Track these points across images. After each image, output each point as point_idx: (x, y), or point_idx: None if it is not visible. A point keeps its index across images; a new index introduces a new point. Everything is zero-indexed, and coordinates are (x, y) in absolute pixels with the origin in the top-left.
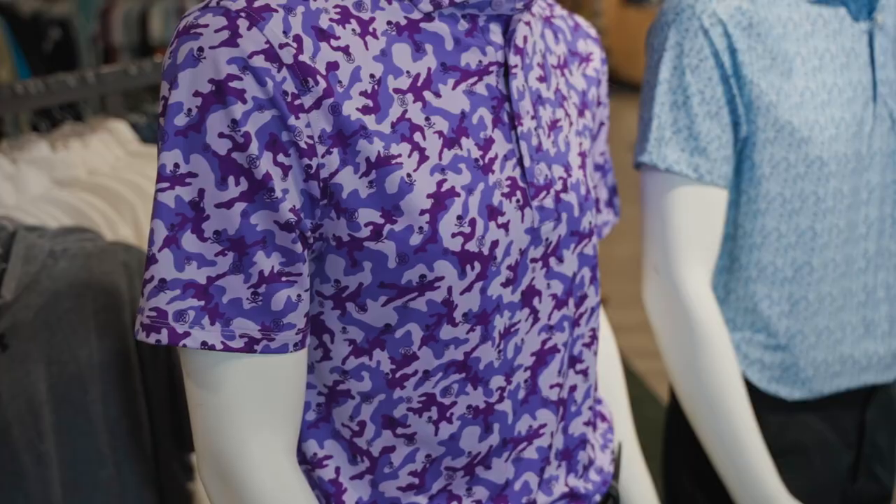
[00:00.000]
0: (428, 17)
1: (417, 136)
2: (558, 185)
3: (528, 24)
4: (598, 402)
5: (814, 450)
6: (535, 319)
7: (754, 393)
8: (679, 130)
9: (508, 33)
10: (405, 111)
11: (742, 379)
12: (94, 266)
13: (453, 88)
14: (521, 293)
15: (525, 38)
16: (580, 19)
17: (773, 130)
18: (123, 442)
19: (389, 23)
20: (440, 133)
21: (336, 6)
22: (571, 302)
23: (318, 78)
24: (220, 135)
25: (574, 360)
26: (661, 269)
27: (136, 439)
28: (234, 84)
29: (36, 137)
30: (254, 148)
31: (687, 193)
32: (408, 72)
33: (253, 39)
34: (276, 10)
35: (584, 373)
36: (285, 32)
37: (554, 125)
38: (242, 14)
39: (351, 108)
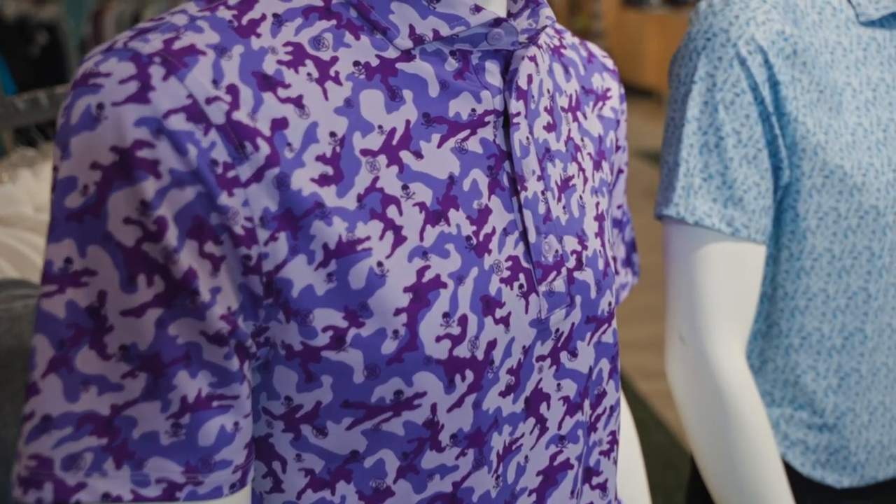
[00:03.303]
0: (407, 56)
1: (392, 212)
2: (571, 262)
3: (532, 59)
4: None
5: None
6: (543, 430)
7: (796, 479)
8: (710, 177)
9: (509, 73)
10: (376, 179)
11: (781, 463)
12: (25, 331)
13: (439, 146)
14: (525, 401)
15: (529, 78)
16: (594, 48)
17: (820, 176)
18: None
19: (357, 63)
20: (422, 205)
21: (287, 44)
22: (587, 404)
23: (260, 141)
24: (126, 220)
25: (590, 473)
26: (687, 339)
27: None
28: (143, 153)
29: None
30: (171, 237)
31: (719, 251)
32: (380, 127)
33: (170, 93)
34: (204, 53)
35: (602, 487)
36: (215, 82)
37: (565, 185)
38: (157, 59)
39: (303, 180)
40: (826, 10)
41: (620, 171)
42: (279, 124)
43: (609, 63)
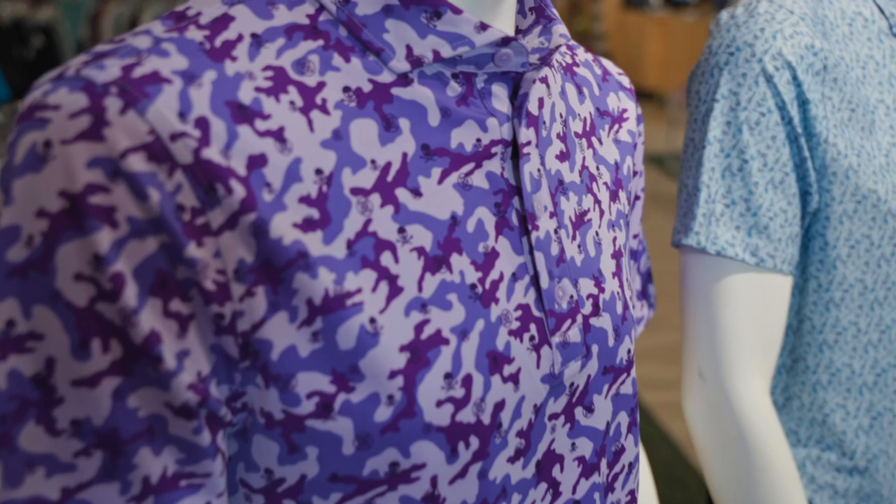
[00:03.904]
0: (403, 80)
1: (386, 259)
2: (587, 308)
3: (543, 80)
4: None
5: None
6: (556, 496)
7: None
8: (733, 203)
9: (518, 97)
10: (368, 222)
11: None
12: None
13: (440, 182)
14: (537, 465)
15: (540, 102)
16: (609, 64)
17: (852, 201)
18: None
19: (347, 89)
20: (420, 251)
21: (266, 68)
22: (604, 463)
23: (234, 182)
24: (78, 277)
25: None
26: (708, 376)
27: None
28: (97, 199)
29: None
30: (130, 295)
31: (742, 283)
32: (373, 161)
33: (128, 128)
34: (169, 81)
35: None
36: (182, 115)
37: (580, 220)
38: (113, 89)
39: (285, 226)
40: (857, 22)
41: (637, 197)
42: (256, 162)
43: (625, 81)
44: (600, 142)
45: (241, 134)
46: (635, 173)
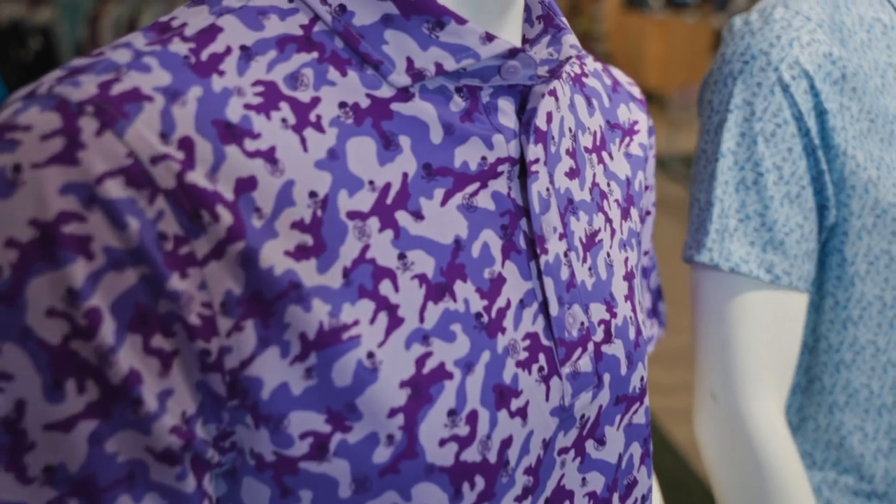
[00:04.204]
0: (404, 95)
1: (386, 288)
2: (598, 335)
3: (552, 93)
4: None
5: None
6: None
7: None
8: (748, 218)
9: (526, 112)
10: (366, 248)
11: None
12: None
13: (443, 204)
14: (546, 502)
15: (549, 116)
16: (618, 74)
17: (871, 216)
18: None
19: (343, 105)
20: (422, 278)
21: (257, 83)
22: (615, 497)
23: (220, 208)
24: (50, 312)
25: None
26: (720, 397)
27: None
28: (71, 228)
29: None
30: (107, 332)
31: (757, 301)
32: (371, 182)
33: (105, 151)
34: (150, 99)
35: None
36: (164, 135)
37: (591, 241)
38: (89, 108)
39: (276, 254)
40: (875, 28)
41: (647, 212)
42: (245, 185)
43: (636, 92)
44: (611, 156)
45: (228, 155)
46: (646, 187)
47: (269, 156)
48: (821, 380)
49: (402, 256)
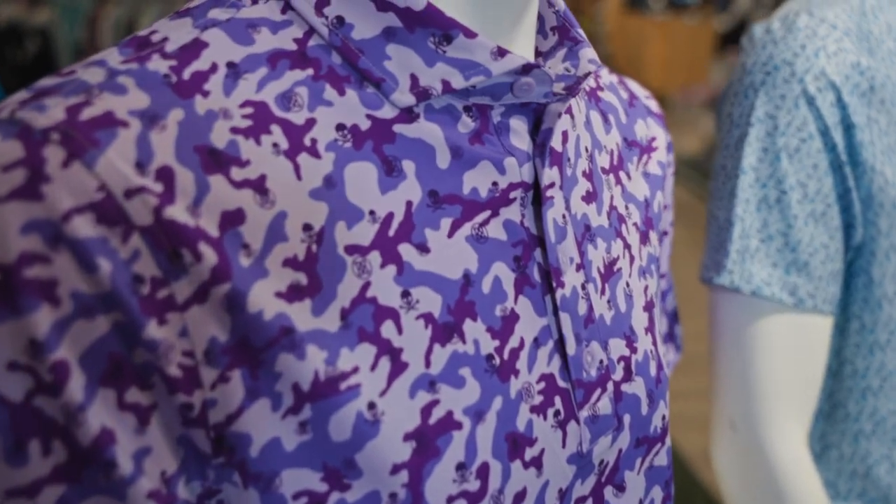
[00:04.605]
0: (408, 115)
1: (388, 329)
2: (618, 373)
3: (567, 109)
4: None
5: None
6: None
7: None
8: (770, 238)
9: (540, 133)
10: (366, 286)
11: None
12: None
13: (451, 235)
14: None
15: (564, 136)
16: (634, 87)
17: None
18: None
19: (341, 127)
20: (428, 318)
21: (245, 104)
22: None
23: (204, 246)
24: (12, 366)
25: None
26: (740, 425)
27: None
28: (34, 271)
29: None
30: (76, 387)
31: (779, 325)
32: (372, 213)
33: (73, 184)
34: (125, 124)
35: None
36: (141, 165)
37: (610, 271)
38: (55, 135)
39: (266, 296)
40: None
41: (665, 233)
42: (232, 219)
43: (653, 105)
44: (629, 176)
45: (213, 186)
46: (665, 207)
47: (259, 185)
48: (845, 406)
49: (406, 294)
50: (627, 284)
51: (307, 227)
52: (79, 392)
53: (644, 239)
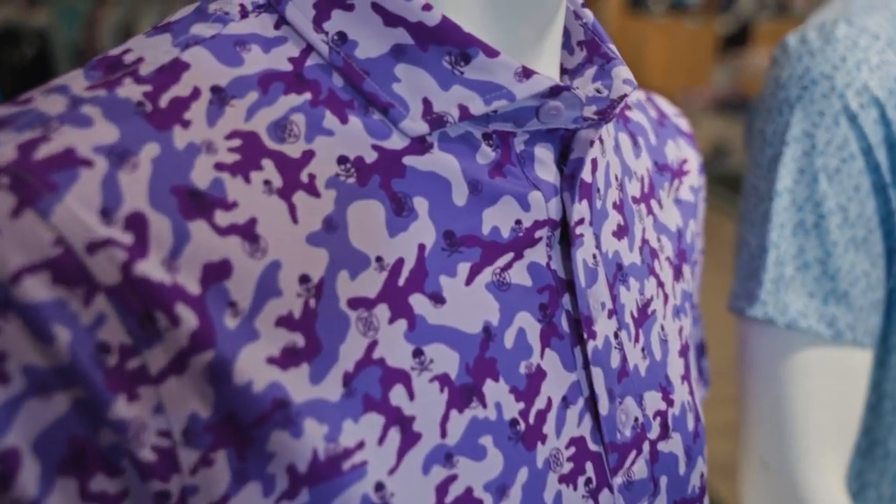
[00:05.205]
0: (420, 145)
1: (398, 396)
2: (654, 431)
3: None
4: None
5: None
6: None
7: None
8: (806, 266)
9: (569, 163)
10: (372, 346)
11: None
12: None
13: (468, 282)
14: None
15: (594, 164)
16: (663, 104)
17: None
18: None
19: (344, 160)
20: (443, 380)
21: (232, 134)
22: None
23: (181, 307)
24: None
25: None
26: (773, 466)
27: None
28: None
29: None
30: (28, 479)
31: (816, 359)
32: (379, 259)
33: (25, 238)
34: (88, 163)
35: None
36: (107, 213)
37: (643, 314)
38: (4, 179)
39: (256, 363)
40: None
41: (695, 262)
42: (216, 273)
43: (683, 124)
44: (660, 205)
45: (193, 234)
46: (696, 234)
47: (248, 231)
48: (884, 444)
49: (418, 353)
50: (662, 328)
51: (304, 279)
52: (32, 484)
53: (677, 274)
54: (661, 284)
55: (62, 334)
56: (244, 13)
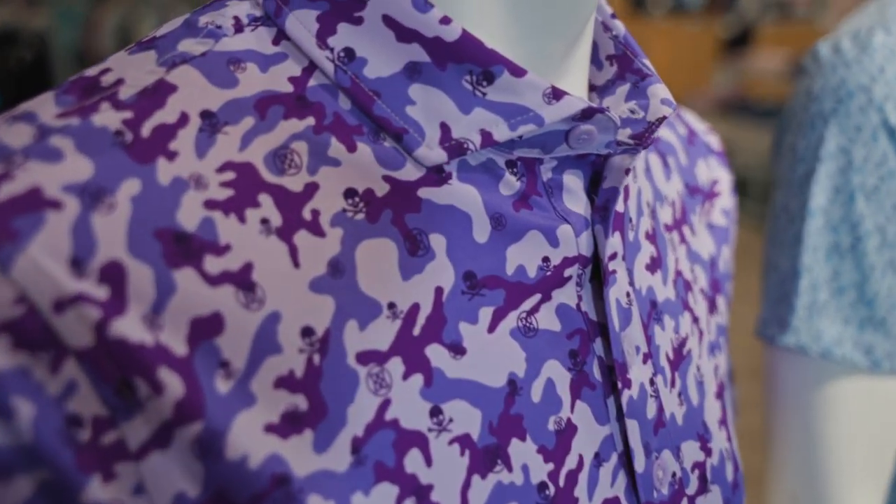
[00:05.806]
0: (437, 176)
1: (413, 462)
2: (692, 486)
3: None
4: None
5: None
6: None
7: None
8: (841, 291)
9: (601, 193)
10: (385, 405)
11: None
12: None
13: (492, 329)
14: None
15: (626, 192)
16: (693, 120)
17: None
18: None
19: (351, 194)
20: (465, 441)
21: (225, 166)
22: None
23: (165, 372)
24: None
25: None
26: (804, 502)
27: None
28: None
29: None
30: None
31: (852, 390)
32: (391, 306)
33: None
34: (56, 204)
35: None
36: (78, 262)
37: (679, 355)
38: None
39: (251, 433)
40: None
41: (727, 293)
42: (206, 329)
43: (714, 142)
44: (693, 231)
45: (179, 284)
46: (728, 261)
47: (243, 279)
48: None
49: (436, 412)
50: (698, 369)
51: (307, 332)
52: None
53: (712, 307)
54: (696, 320)
55: (24, 408)
56: (239, 27)
